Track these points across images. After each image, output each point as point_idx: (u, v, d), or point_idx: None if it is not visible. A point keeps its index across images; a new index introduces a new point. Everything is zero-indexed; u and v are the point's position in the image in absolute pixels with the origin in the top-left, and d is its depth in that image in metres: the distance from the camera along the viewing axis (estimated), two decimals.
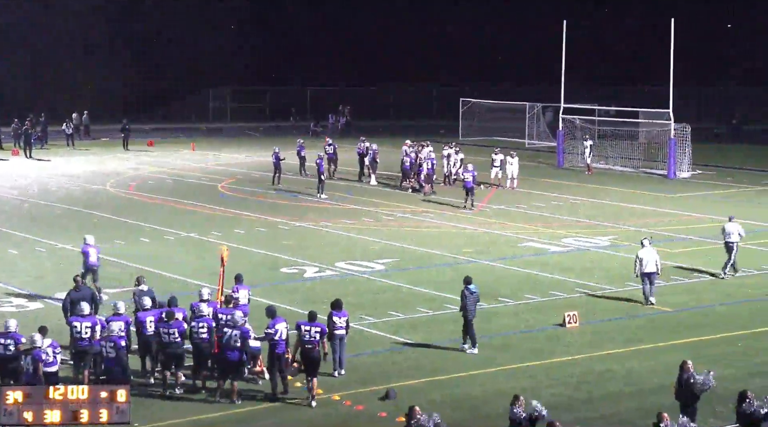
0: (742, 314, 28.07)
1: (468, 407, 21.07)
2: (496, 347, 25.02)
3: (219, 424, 20.20)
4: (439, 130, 72.83)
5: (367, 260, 33.84)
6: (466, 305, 24.57)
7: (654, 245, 29.56)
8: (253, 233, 38.44)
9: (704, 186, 51.11)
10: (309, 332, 21.40)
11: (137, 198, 46.78)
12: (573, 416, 20.22)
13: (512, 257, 34.72)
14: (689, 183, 52.26)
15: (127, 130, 65.46)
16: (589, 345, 25.16)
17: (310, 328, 21.46)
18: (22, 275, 31.63)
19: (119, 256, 34.09)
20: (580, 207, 44.63)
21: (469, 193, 43.19)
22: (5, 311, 27.07)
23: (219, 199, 46.23)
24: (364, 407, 21.03)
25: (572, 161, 58.19)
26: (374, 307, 28.06)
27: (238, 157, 61.97)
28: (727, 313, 28.30)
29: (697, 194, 48.44)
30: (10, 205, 44.38)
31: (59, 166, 57.10)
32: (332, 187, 48.01)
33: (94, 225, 39.60)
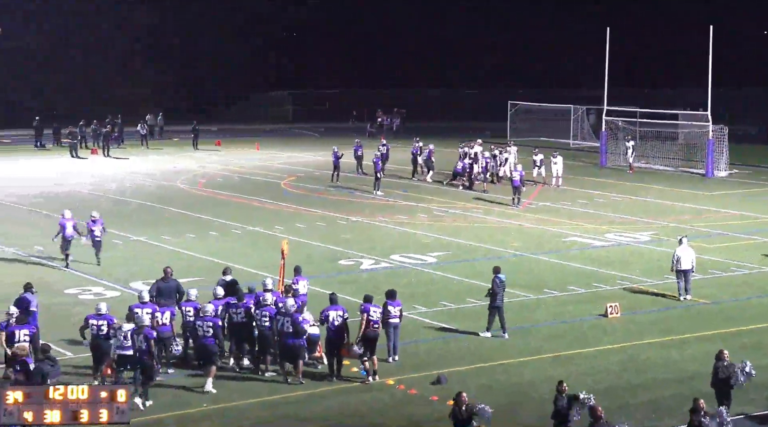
0: None
1: (514, 393, 21.02)
2: (541, 336, 24.93)
3: (282, 405, 20.32)
4: (485, 132, 72.55)
5: (420, 253, 33.85)
6: (497, 293, 24.51)
7: (691, 241, 29.30)
8: (313, 227, 38.56)
9: (740, 185, 50.53)
10: (376, 313, 21.95)
11: (206, 194, 47.09)
12: (614, 403, 20.09)
13: (557, 251, 34.56)
14: (726, 182, 51.72)
15: (197, 130, 65.95)
16: (630, 335, 24.99)
17: (376, 310, 21.98)
18: (102, 265, 31.80)
19: (189, 248, 34.36)
20: (622, 204, 44.31)
21: (516, 191, 43.04)
22: (85, 299, 27.42)
23: (282, 196, 46.42)
24: (416, 391, 21.05)
25: (614, 161, 57.77)
26: (426, 297, 28.06)
27: (299, 156, 62.16)
28: (762, 305, 27.96)
29: (733, 192, 47.91)
30: (89, 201, 44.83)
31: (134, 165, 57.62)
32: (387, 185, 48.04)
33: (166, 220, 39.97)
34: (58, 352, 21.84)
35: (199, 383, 21.17)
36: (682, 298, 27.93)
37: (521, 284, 29.39)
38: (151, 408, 19.93)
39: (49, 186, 48.85)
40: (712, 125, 53.16)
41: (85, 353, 21.89)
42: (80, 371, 21.74)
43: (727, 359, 18.88)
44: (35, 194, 46.48)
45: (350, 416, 19.87)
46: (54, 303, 27.03)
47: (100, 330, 20.97)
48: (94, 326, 21.02)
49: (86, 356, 21.73)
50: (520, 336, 24.86)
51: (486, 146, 51.64)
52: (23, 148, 65.32)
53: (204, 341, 21.22)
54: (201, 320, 21.34)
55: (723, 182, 51.50)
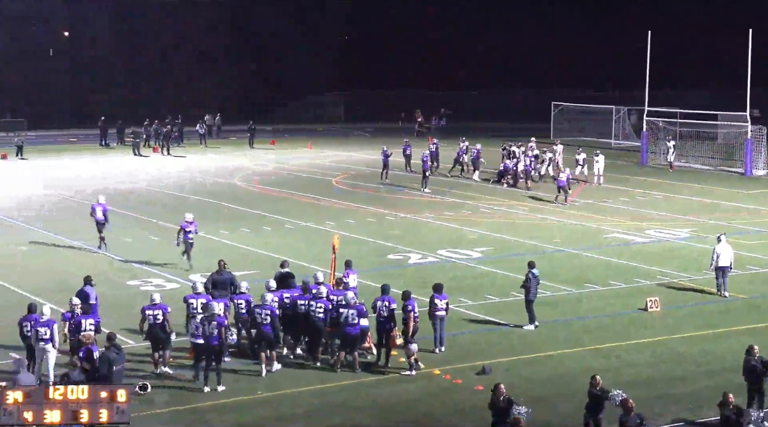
0: None
1: (556, 384, 21.01)
2: (583, 329, 24.87)
3: (333, 393, 20.46)
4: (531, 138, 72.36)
5: (465, 248, 33.86)
6: (530, 287, 24.49)
7: (729, 238, 29.07)
8: (363, 223, 38.69)
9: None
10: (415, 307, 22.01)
11: (261, 191, 47.39)
12: (652, 393, 20.06)
13: (598, 246, 34.42)
14: (764, 180, 51.18)
15: (253, 130, 66.36)
16: (669, 328, 24.87)
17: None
18: (161, 258, 32.26)
19: (244, 242, 34.63)
20: (662, 202, 44.00)
21: (561, 190, 42.90)
22: (147, 290, 27.73)
23: (333, 193, 46.59)
24: (462, 381, 21.10)
25: (655, 160, 57.36)
26: (472, 291, 28.09)
27: (350, 154, 62.33)
28: None
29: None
30: (149, 197, 45.31)
31: (193, 162, 58.10)
32: (435, 183, 48.09)
33: (225, 215, 40.28)
34: (121, 340, 22.14)
35: (254, 370, 21.41)
36: (720, 294, 27.71)
37: (563, 278, 29.35)
38: (205, 395, 20.15)
39: (113, 183, 49.39)
40: (751, 126, 52.69)
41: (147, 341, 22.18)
42: (144, 359, 22.03)
43: (757, 354, 18.79)
44: (99, 191, 46.99)
45: (398, 404, 19.97)
46: (116, 294, 27.40)
47: (156, 319, 21.33)
48: (150, 316, 21.37)
49: (147, 345, 22.02)
50: (562, 329, 24.82)
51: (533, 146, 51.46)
52: (89, 147, 66.06)
53: (262, 328, 21.56)
54: (260, 308, 21.67)
55: (761, 181, 50.95)
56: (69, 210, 41.77)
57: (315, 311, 22.01)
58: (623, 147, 65.89)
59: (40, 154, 60.88)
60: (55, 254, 33.42)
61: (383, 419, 19.24)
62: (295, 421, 19.10)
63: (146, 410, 19.37)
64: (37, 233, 36.56)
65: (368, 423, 19.01)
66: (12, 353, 18.64)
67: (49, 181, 49.24)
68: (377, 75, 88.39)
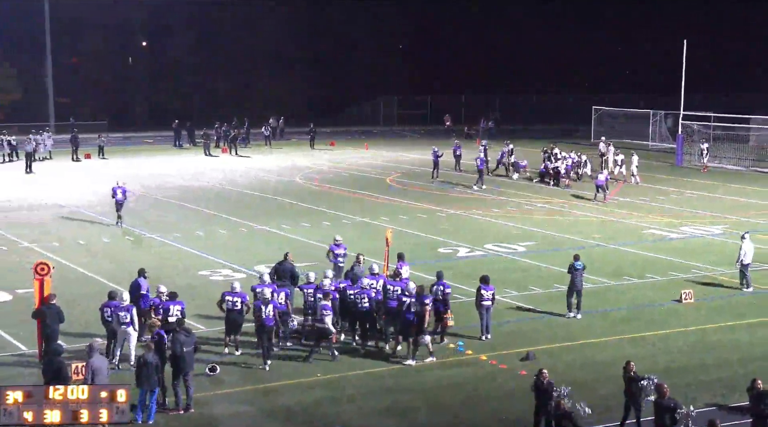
0: None
1: (595, 369, 20.88)
2: (621, 319, 24.68)
3: (386, 376, 20.50)
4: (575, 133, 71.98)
5: (510, 242, 33.74)
6: (574, 278, 24.37)
7: (760, 234, 28.66)
8: (415, 218, 38.69)
9: None
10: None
11: (321, 189, 47.56)
12: (685, 380, 19.87)
13: (636, 242, 34.12)
14: None
15: (314, 132, 66.60)
16: (702, 319, 24.60)
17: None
18: (229, 250, 32.53)
19: (304, 235, 34.78)
20: (696, 200, 43.50)
21: (599, 189, 42.61)
22: (215, 280, 28.00)
23: (387, 190, 46.62)
24: (506, 366, 21.05)
25: (689, 161, 56.70)
26: (517, 282, 27.98)
27: (404, 155, 62.32)
28: None
29: None
30: (218, 194, 45.67)
31: (259, 162, 58.44)
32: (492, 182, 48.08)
33: (287, 211, 40.49)
34: (192, 325, 22.39)
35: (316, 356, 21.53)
36: (748, 288, 27.28)
37: (603, 271, 29.13)
38: (270, 376, 20.31)
39: (185, 181, 49.87)
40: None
41: (216, 326, 22.39)
42: (212, 342, 22.25)
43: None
44: (172, 186, 47.54)
45: (447, 387, 19.96)
46: (189, 284, 27.66)
47: (234, 305, 21.55)
48: (229, 302, 21.59)
49: (218, 329, 22.22)
50: (602, 318, 24.66)
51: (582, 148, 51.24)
52: (164, 147, 66.74)
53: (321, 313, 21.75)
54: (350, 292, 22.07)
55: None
56: (146, 205, 42.23)
57: (360, 301, 22.07)
58: (660, 149, 65.21)
59: (119, 154, 61.61)
60: (134, 245, 33.82)
61: (432, 400, 19.24)
62: (350, 401, 19.17)
63: (216, 389, 19.58)
64: (116, 226, 37.01)
65: (418, 405, 19.02)
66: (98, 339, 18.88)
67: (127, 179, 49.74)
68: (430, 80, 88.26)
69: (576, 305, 24.58)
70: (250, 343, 22.04)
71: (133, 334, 20.72)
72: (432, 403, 19.09)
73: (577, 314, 24.50)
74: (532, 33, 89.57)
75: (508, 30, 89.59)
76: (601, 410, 17.77)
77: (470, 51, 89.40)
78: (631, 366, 17.26)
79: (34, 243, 33.54)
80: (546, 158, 49.61)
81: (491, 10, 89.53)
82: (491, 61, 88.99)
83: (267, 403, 19.08)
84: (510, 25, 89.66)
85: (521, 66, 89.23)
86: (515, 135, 65.36)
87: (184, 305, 21.29)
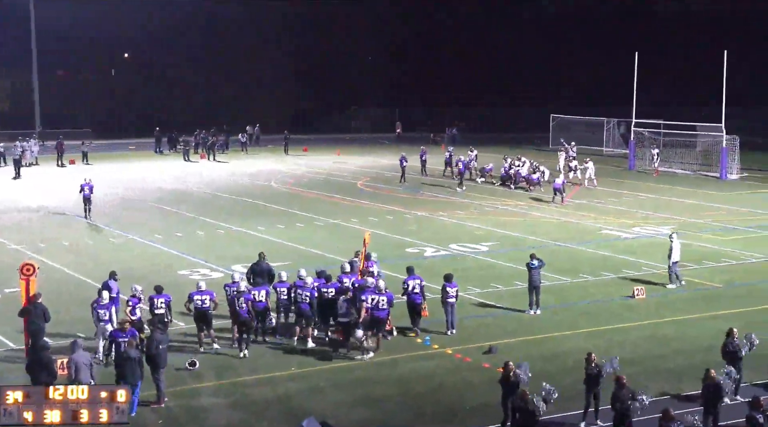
0: None
1: (556, 361, 20.89)
2: (578, 314, 24.72)
3: (357, 369, 20.40)
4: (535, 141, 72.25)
5: (474, 242, 33.74)
6: (532, 275, 24.40)
7: (706, 234, 28.82)
8: (383, 220, 38.61)
9: (750, 186, 49.62)
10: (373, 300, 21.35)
11: (295, 192, 47.38)
12: (638, 370, 19.92)
13: (591, 241, 34.23)
14: (738, 183, 50.83)
15: (288, 138, 66.40)
16: (653, 313, 24.69)
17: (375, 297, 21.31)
18: (208, 250, 32.30)
19: (280, 237, 34.61)
20: (647, 202, 43.74)
21: (556, 192, 42.79)
22: (194, 279, 27.75)
23: (358, 194, 46.53)
24: (471, 359, 21.02)
25: (641, 165, 57.08)
26: (480, 280, 27.97)
27: (374, 160, 62.25)
28: None
29: (744, 193, 47.07)
30: (197, 197, 45.39)
31: (236, 167, 58.13)
32: (450, 185, 47.99)
33: (262, 213, 40.28)
34: (173, 321, 22.18)
35: (288, 348, 21.39)
36: (670, 285, 27.14)
37: (560, 269, 29.17)
38: (246, 370, 20.15)
39: (165, 185, 49.51)
40: (726, 135, 52.44)
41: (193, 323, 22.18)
42: (188, 338, 22.06)
43: (736, 336, 18.65)
44: (153, 190, 47.18)
45: (416, 379, 19.90)
46: (169, 282, 27.35)
47: (203, 303, 21.38)
48: (198, 300, 21.41)
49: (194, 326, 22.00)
50: (560, 314, 24.69)
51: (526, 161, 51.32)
52: (146, 153, 66.22)
53: (301, 306, 21.74)
54: (301, 289, 21.85)
55: (734, 184, 50.59)
56: (127, 208, 41.87)
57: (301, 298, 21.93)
58: (613, 154, 65.59)
59: (102, 160, 61.05)
60: (117, 246, 33.48)
61: (402, 390, 19.18)
62: (323, 393, 19.06)
63: (194, 383, 19.41)
64: (100, 229, 36.68)
65: (389, 393, 18.95)
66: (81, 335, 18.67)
67: (110, 183, 49.35)
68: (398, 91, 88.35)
69: (535, 302, 24.58)
70: (226, 338, 21.87)
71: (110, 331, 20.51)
72: (401, 393, 19.01)
73: (536, 311, 24.51)
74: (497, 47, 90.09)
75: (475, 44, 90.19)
76: (562, 400, 17.75)
77: (438, 63, 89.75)
78: (593, 357, 17.26)
79: (21, 245, 33.14)
80: (505, 165, 49.59)
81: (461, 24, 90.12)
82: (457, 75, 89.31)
83: (242, 396, 18.91)
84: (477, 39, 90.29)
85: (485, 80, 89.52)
86: (478, 142, 65.41)
87: (170, 298, 21.23)
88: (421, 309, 22.72)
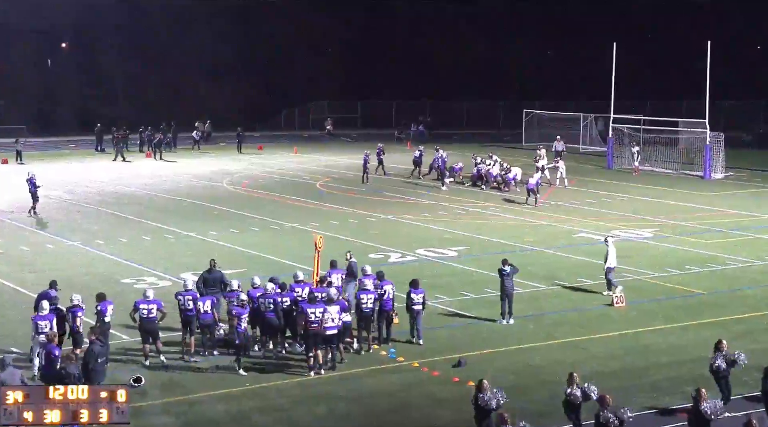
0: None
1: (528, 374, 20.94)
2: (553, 323, 24.81)
3: (318, 385, 20.30)
4: (504, 138, 72.51)
5: (442, 247, 33.77)
6: (504, 283, 24.43)
7: (690, 237, 29.06)
8: (345, 224, 38.54)
9: (736, 186, 50.17)
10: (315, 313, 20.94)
11: (249, 194, 47.17)
12: (618, 384, 19.98)
13: (567, 245, 34.39)
14: (722, 183, 51.34)
15: (241, 136, 66.17)
16: (634, 322, 24.84)
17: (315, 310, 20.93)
18: (154, 257, 32.05)
19: (233, 242, 34.43)
20: (627, 203, 44.04)
21: (530, 193, 42.95)
22: (141, 287, 27.49)
23: (317, 195, 46.41)
24: (439, 372, 21.00)
25: (620, 164, 57.47)
26: (448, 287, 27.98)
27: (333, 159, 62.15)
28: (754, 295, 27.73)
29: (728, 193, 47.56)
30: (142, 200, 45.02)
31: (185, 167, 57.74)
32: (415, 186, 48.00)
33: (214, 217, 40.05)
34: (115, 335, 21.95)
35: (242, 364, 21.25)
36: (615, 291, 26.89)
37: (534, 275, 29.27)
38: (195, 387, 19.98)
39: (107, 186, 49.04)
40: (710, 132, 52.95)
41: (138, 336, 21.93)
42: (133, 353, 21.84)
43: (725, 348, 18.63)
44: (94, 192, 46.71)
45: (380, 394, 19.85)
46: (111, 291, 27.09)
47: (150, 313, 21.32)
48: (144, 310, 21.29)
49: (140, 340, 21.75)
50: (533, 323, 24.75)
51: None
52: (86, 152, 65.59)
53: (266, 314, 21.71)
54: (263, 298, 21.83)
55: (719, 183, 51.10)
56: (67, 210, 41.44)
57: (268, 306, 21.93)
58: (590, 152, 66.03)
59: (38, 159, 60.36)
60: (55, 253, 33.11)
61: (365, 407, 19.12)
62: (281, 410, 18.95)
63: (139, 401, 19.19)
64: (35, 234, 36.25)
65: (351, 411, 18.88)
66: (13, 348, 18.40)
67: (48, 185, 48.78)
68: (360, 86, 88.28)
69: (508, 311, 24.61)
70: (172, 352, 21.68)
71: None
72: (365, 412, 18.95)
73: (509, 320, 24.53)
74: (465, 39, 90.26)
75: (440, 36, 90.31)
76: (535, 416, 17.77)
77: (401, 57, 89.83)
78: (575, 378, 16.95)
79: None
80: (475, 164, 49.76)
81: (423, 17, 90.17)
82: (422, 67, 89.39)
83: (193, 414, 18.75)
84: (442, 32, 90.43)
85: (453, 74, 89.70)
86: (445, 140, 65.60)
87: (111, 304, 21.38)
88: (392, 316, 22.73)
